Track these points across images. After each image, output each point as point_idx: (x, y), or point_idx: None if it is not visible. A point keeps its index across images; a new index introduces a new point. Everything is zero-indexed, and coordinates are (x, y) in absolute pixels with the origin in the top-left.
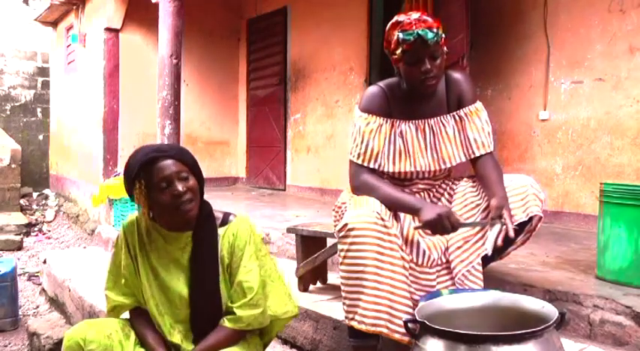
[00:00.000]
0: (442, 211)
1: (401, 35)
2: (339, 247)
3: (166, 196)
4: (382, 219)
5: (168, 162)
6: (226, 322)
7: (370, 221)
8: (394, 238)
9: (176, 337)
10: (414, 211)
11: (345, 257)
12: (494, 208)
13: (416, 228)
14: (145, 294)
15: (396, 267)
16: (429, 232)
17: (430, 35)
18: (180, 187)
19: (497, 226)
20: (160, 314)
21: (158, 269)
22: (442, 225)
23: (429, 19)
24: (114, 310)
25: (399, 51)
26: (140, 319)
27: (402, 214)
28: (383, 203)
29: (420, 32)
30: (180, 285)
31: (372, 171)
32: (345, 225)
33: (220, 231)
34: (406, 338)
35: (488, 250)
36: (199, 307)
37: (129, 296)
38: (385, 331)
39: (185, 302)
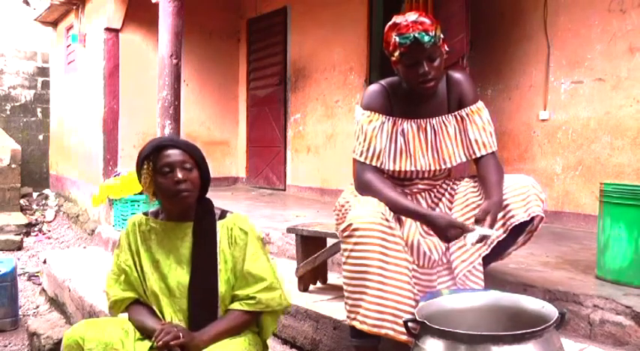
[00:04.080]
0: (449, 219)
1: (397, 38)
2: (343, 246)
3: (167, 181)
4: (387, 219)
5: (176, 151)
6: (240, 306)
7: (375, 221)
8: (398, 239)
9: None
10: (415, 218)
11: (348, 257)
12: (481, 210)
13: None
14: (146, 284)
15: (401, 268)
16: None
17: (426, 38)
18: (180, 174)
19: (478, 229)
20: (162, 303)
21: (159, 260)
22: (454, 231)
23: (427, 21)
24: (115, 306)
25: (396, 53)
26: (138, 308)
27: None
28: (385, 205)
29: (416, 35)
30: (180, 273)
31: (377, 170)
32: (350, 225)
33: (218, 224)
34: (412, 340)
35: (468, 245)
36: (197, 294)
37: (129, 291)
38: (392, 333)
39: (184, 290)
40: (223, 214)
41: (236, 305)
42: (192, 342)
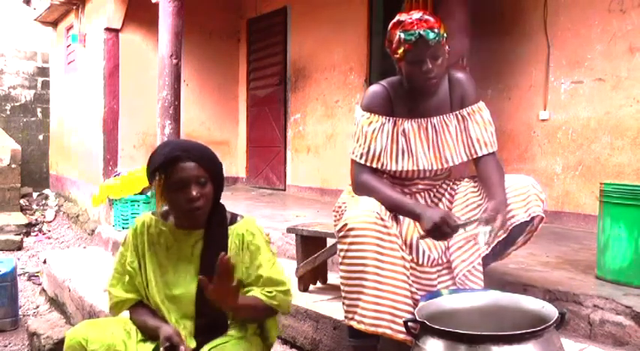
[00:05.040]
0: (439, 216)
1: (402, 35)
2: (339, 247)
3: (179, 197)
4: (382, 219)
5: (190, 164)
6: (259, 294)
7: (370, 221)
8: (394, 238)
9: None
10: (414, 216)
11: (344, 257)
12: (489, 210)
13: (420, 237)
14: (150, 290)
15: (397, 267)
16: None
17: (431, 35)
18: (194, 192)
19: (488, 228)
20: (166, 311)
21: (166, 266)
22: (441, 231)
23: (431, 19)
24: (116, 307)
25: (400, 51)
26: (141, 309)
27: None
28: (383, 205)
29: (421, 32)
30: (187, 281)
31: (374, 171)
32: (345, 225)
33: (229, 229)
34: (410, 338)
35: (482, 247)
36: (205, 303)
37: (131, 292)
38: (389, 331)
39: (191, 298)
40: (234, 218)
41: (255, 292)
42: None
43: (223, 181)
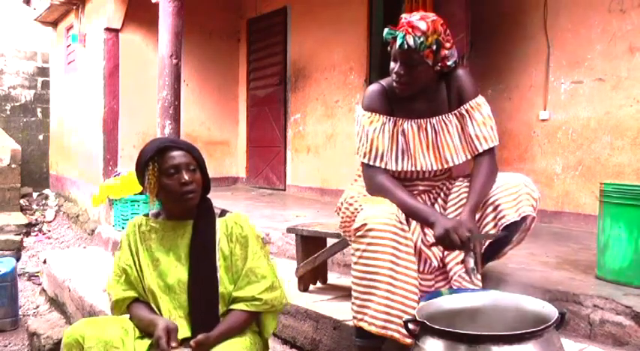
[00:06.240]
0: (450, 225)
1: (385, 31)
2: (355, 246)
3: (173, 182)
4: (400, 222)
5: (180, 152)
6: (246, 306)
7: (389, 223)
8: (410, 242)
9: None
10: (427, 224)
11: (360, 257)
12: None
13: (431, 245)
14: (145, 282)
15: (410, 270)
16: (440, 248)
17: (410, 42)
18: (187, 176)
19: (471, 259)
20: (162, 302)
21: (159, 258)
22: (450, 240)
23: (422, 27)
24: (116, 305)
25: (389, 47)
26: (138, 305)
27: (410, 220)
28: (398, 207)
29: (399, 35)
30: (179, 270)
31: (386, 171)
32: (364, 225)
33: (218, 222)
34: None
35: (472, 274)
36: (197, 290)
37: (129, 290)
38: (397, 335)
39: (184, 287)
40: (223, 212)
41: (241, 306)
42: (201, 340)
43: (208, 175)
